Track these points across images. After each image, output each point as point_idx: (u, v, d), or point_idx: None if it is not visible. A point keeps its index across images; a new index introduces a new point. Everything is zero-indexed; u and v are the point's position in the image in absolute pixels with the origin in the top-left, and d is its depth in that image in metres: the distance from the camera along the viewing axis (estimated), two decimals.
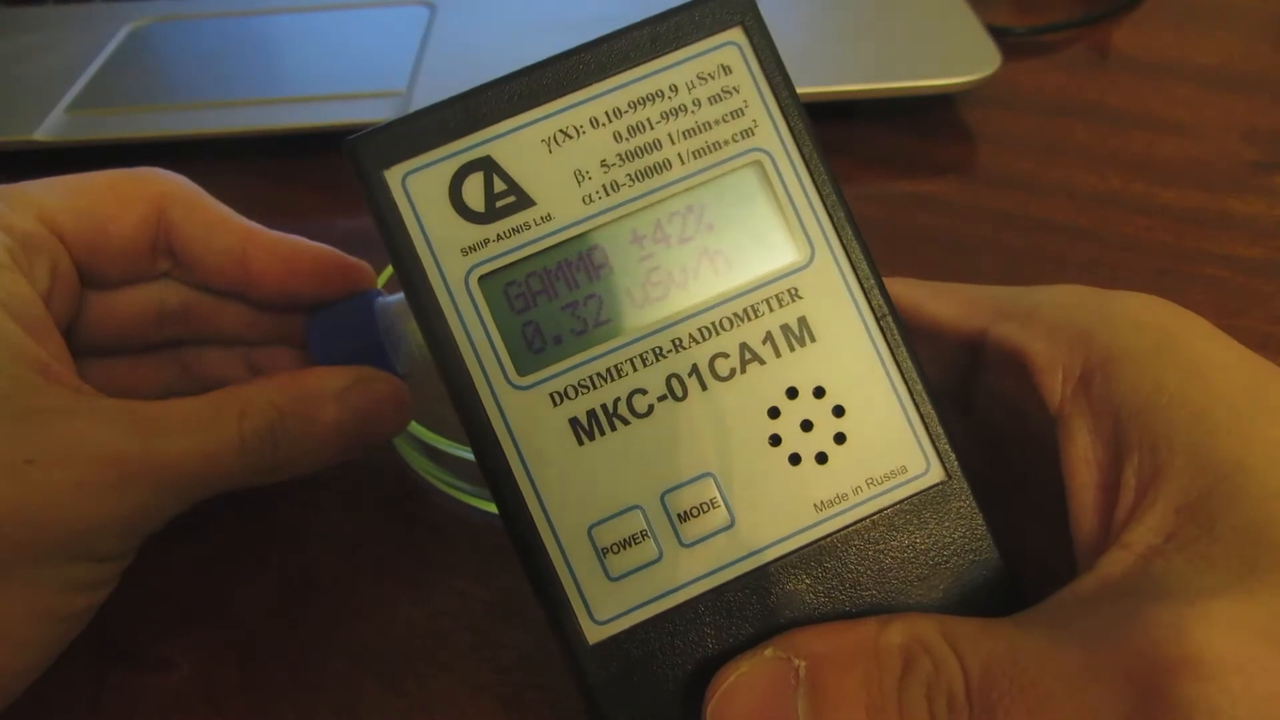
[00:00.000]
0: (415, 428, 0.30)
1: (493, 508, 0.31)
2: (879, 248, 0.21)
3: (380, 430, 0.26)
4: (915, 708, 0.17)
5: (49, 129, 0.46)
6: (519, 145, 0.20)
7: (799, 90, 0.21)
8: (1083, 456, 0.19)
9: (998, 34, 0.47)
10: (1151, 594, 0.16)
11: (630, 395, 0.20)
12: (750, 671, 0.18)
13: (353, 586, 0.29)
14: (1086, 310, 0.20)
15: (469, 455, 0.30)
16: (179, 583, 0.30)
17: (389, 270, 0.34)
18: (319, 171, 0.45)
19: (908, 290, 0.23)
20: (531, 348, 0.20)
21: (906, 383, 0.20)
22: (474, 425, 0.20)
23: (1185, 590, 0.16)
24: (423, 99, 0.45)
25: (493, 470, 0.20)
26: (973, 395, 0.24)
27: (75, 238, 0.26)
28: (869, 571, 0.20)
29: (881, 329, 0.20)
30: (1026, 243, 0.40)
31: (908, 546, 0.20)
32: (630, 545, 0.19)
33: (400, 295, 0.27)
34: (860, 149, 0.45)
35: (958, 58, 0.45)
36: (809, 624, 0.19)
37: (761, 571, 0.19)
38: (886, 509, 0.20)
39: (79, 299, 0.27)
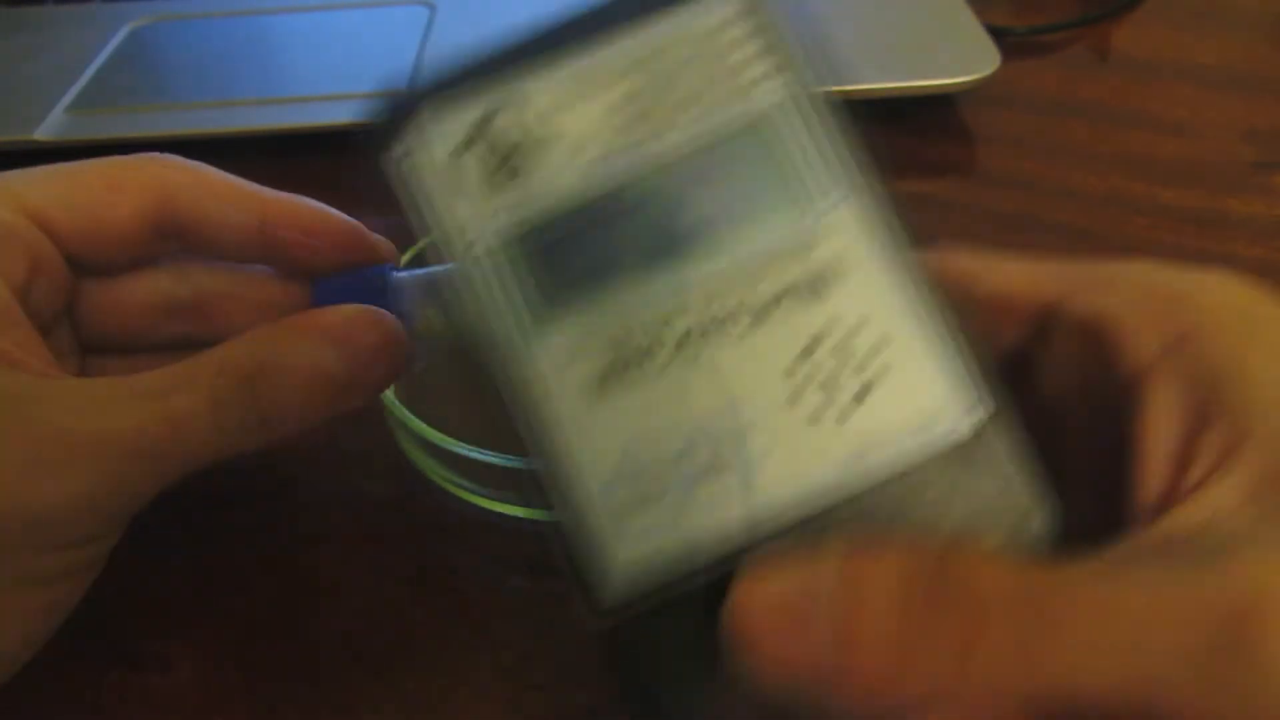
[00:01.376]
0: (417, 425, 0.30)
1: (495, 506, 0.31)
2: None
3: (372, 375, 0.25)
4: (951, 601, 0.16)
5: (49, 129, 0.46)
6: (532, 104, 0.20)
7: None
8: (1162, 419, 0.19)
9: (997, 34, 0.47)
10: (1226, 547, 0.16)
11: (649, 348, 0.20)
12: (781, 559, 0.18)
13: (353, 586, 0.29)
14: (1169, 282, 0.20)
15: (471, 453, 0.30)
16: (179, 583, 0.30)
17: (410, 253, 0.34)
18: (319, 171, 0.45)
19: (966, 262, 0.23)
20: (551, 303, 0.20)
21: (935, 331, 0.19)
22: (497, 374, 0.20)
23: (1262, 545, 0.16)
24: None
25: (514, 419, 0.20)
26: (1035, 367, 0.23)
27: (65, 228, 0.26)
28: (900, 529, 0.19)
29: (908, 273, 0.19)
30: (1026, 243, 0.40)
31: (940, 501, 0.19)
32: (650, 502, 0.19)
33: (416, 271, 0.27)
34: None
35: (958, 58, 0.45)
36: None
37: (786, 533, 0.19)
38: (917, 464, 0.19)
39: (68, 290, 0.27)
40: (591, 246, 0.20)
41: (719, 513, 0.19)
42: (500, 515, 0.31)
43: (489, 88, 0.20)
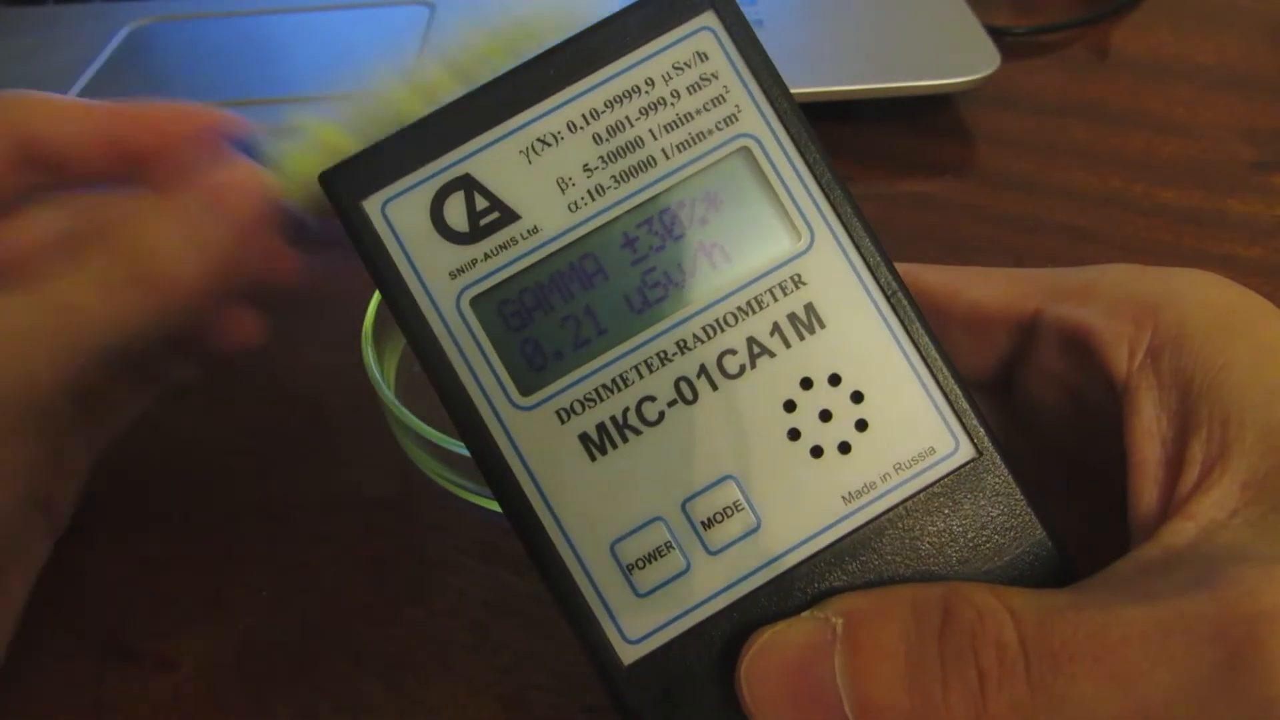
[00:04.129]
0: (417, 425, 0.30)
1: (494, 506, 0.31)
2: None
3: (253, 228, 0.25)
4: (959, 657, 0.16)
5: None
6: (497, 159, 0.19)
7: (801, 91, 0.20)
8: (1148, 430, 0.19)
9: (997, 34, 0.47)
10: (1226, 557, 0.16)
11: (639, 404, 0.19)
12: (786, 629, 0.18)
13: (353, 586, 0.30)
14: (1149, 285, 0.20)
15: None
16: (179, 583, 0.30)
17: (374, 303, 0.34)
18: None
19: (945, 276, 0.23)
20: (532, 366, 0.19)
21: (925, 360, 0.19)
22: (482, 452, 0.19)
23: (1259, 556, 0.16)
24: None
25: (505, 496, 0.19)
26: (1019, 381, 0.23)
27: None
28: (907, 560, 0.19)
29: (893, 307, 0.19)
30: (1026, 243, 0.40)
31: (944, 530, 0.19)
32: (656, 559, 0.19)
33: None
34: (860, 149, 0.45)
35: (957, 58, 0.45)
36: None
37: (795, 571, 0.19)
38: (918, 493, 0.19)
39: None
40: (579, 293, 0.19)
41: (732, 556, 0.19)
42: (500, 515, 0.30)
43: (470, 132, 0.19)
